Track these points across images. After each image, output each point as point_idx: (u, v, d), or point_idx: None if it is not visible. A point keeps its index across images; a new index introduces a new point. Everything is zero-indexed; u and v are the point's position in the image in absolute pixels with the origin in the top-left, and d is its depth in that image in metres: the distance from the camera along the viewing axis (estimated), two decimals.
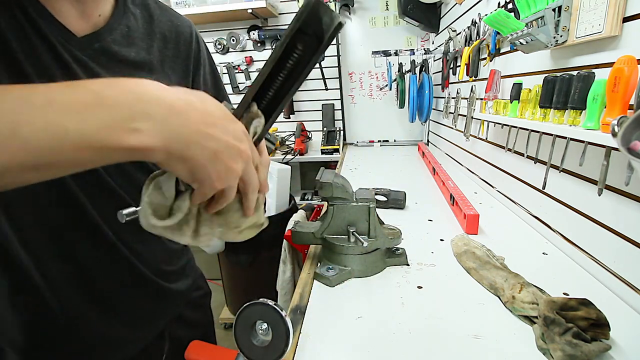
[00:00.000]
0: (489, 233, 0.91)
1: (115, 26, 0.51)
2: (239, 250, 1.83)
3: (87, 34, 0.48)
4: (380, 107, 2.56)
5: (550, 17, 0.74)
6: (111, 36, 0.50)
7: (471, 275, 0.70)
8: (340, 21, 0.37)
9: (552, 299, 0.53)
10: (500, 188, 1.17)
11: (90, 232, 0.51)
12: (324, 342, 0.54)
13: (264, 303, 0.45)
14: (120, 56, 0.50)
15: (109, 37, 0.49)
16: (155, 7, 0.58)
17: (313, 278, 0.72)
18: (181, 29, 0.60)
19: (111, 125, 0.27)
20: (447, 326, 0.56)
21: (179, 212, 0.36)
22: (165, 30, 0.58)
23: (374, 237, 0.72)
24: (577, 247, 0.76)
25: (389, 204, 1.12)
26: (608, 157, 0.62)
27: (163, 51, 0.57)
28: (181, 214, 0.36)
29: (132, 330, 0.59)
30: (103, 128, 0.27)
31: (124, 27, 0.51)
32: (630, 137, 0.42)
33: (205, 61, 0.65)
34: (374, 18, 2.42)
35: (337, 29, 0.37)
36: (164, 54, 0.57)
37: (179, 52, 0.59)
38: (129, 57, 0.51)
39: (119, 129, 0.28)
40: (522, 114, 0.91)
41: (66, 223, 0.49)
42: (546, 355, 0.49)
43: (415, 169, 1.73)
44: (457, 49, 1.60)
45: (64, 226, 0.50)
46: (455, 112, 1.61)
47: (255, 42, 2.51)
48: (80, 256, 0.52)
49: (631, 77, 0.54)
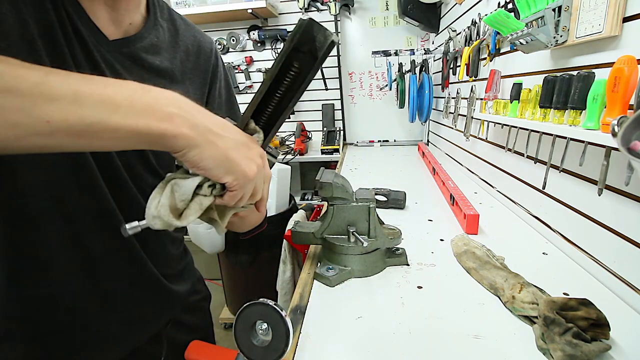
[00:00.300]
0: (489, 233, 0.91)
1: (145, 35, 0.55)
2: (239, 250, 1.83)
3: (117, 38, 0.52)
4: (380, 107, 2.57)
5: (550, 17, 0.74)
6: (141, 44, 0.54)
7: (471, 275, 0.70)
8: (334, 39, 0.40)
9: (552, 299, 0.53)
10: (500, 188, 1.17)
11: (105, 223, 0.53)
12: (324, 342, 0.54)
13: (264, 303, 0.45)
14: (145, 63, 0.54)
15: (138, 44, 0.54)
16: (181, 23, 0.63)
17: (313, 278, 0.72)
18: (203, 45, 0.65)
19: (152, 109, 0.34)
20: (447, 326, 0.56)
21: (198, 210, 0.39)
22: (189, 44, 0.62)
23: (374, 237, 0.72)
24: (577, 247, 0.76)
25: (389, 204, 1.12)
26: (608, 157, 0.62)
27: (184, 63, 0.61)
28: (199, 212, 0.39)
29: (128, 328, 0.59)
30: (144, 110, 0.34)
31: (153, 37, 0.56)
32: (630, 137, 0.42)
33: (221, 75, 0.69)
34: (374, 18, 2.42)
35: (330, 47, 0.40)
36: (185, 66, 0.61)
37: (199, 65, 0.64)
38: (153, 64, 0.55)
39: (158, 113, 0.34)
40: (522, 114, 0.91)
41: (83, 210, 0.51)
42: (546, 355, 0.49)
43: (415, 169, 1.73)
44: (457, 49, 1.60)
45: (80, 212, 0.51)
46: (455, 112, 1.61)
47: (255, 42, 2.51)
48: (90, 246, 0.52)
49: (631, 77, 0.54)
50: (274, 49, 2.53)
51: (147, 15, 0.56)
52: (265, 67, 2.52)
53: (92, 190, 0.50)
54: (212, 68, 0.67)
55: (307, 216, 1.53)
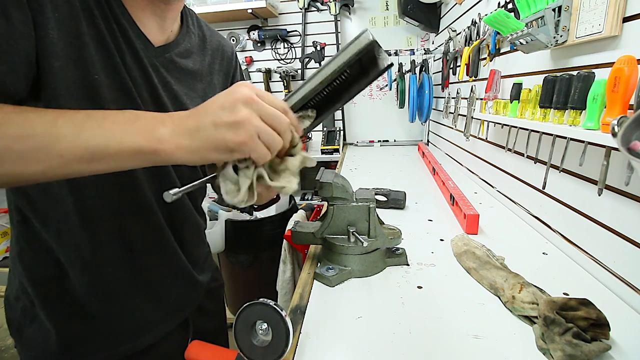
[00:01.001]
0: (489, 233, 0.91)
1: (181, 42, 0.61)
2: (239, 250, 1.83)
3: (161, 45, 0.57)
4: (380, 107, 2.56)
5: (550, 17, 0.74)
6: (177, 49, 0.60)
7: (471, 275, 0.70)
8: (391, 63, 0.46)
9: (552, 299, 0.53)
10: (500, 188, 1.17)
11: (145, 218, 0.58)
12: (324, 342, 0.54)
13: (264, 303, 0.45)
14: (182, 65, 0.61)
15: (175, 50, 0.60)
16: (207, 29, 0.70)
17: (313, 278, 0.72)
18: (225, 49, 0.73)
19: (143, 133, 0.39)
20: (447, 326, 0.56)
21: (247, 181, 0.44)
22: (215, 48, 0.70)
23: (374, 237, 0.72)
24: (577, 247, 0.76)
25: (389, 204, 1.12)
26: (608, 157, 0.62)
27: (211, 65, 0.69)
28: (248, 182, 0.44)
29: (162, 315, 0.64)
30: (135, 134, 0.39)
31: (187, 43, 0.63)
32: (630, 137, 0.42)
33: (238, 76, 0.77)
34: (374, 18, 2.42)
35: (385, 69, 0.46)
36: (212, 67, 0.69)
37: (222, 67, 0.72)
38: (187, 67, 0.62)
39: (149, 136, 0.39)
40: (522, 114, 0.91)
41: (122, 200, 0.55)
42: (546, 355, 0.49)
43: (415, 169, 1.73)
44: (457, 49, 1.60)
45: (124, 208, 0.55)
46: (455, 112, 1.61)
47: (255, 42, 2.51)
48: (132, 239, 0.57)
49: (631, 77, 0.54)
50: (274, 49, 2.53)
51: (181, 23, 0.63)
52: (265, 67, 2.52)
53: (133, 187, 0.55)
54: (232, 70, 0.75)
55: (307, 216, 1.53)
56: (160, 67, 0.57)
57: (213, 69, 0.69)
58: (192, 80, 0.63)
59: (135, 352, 0.61)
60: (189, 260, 0.67)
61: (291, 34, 2.49)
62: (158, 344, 0.64)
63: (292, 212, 1.77)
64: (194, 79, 0.63)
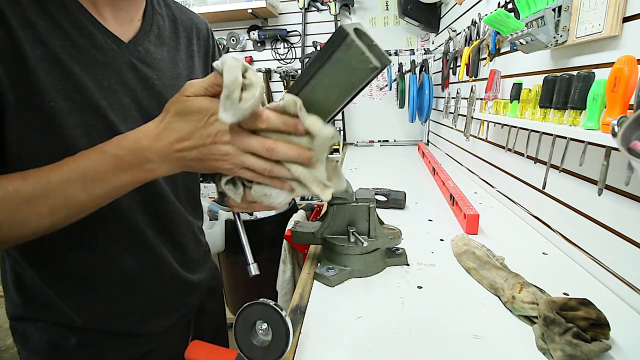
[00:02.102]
0: (489, 233, 0.91)
1: (148, 28, 0.55)
2: (239, 250, 1.82)
3: (131, 38, 0.52)
4: (380, 107, 2.56)
5: (550, 17, 0.74)
6: (148, 38, 0.54)
7: (471, 275, 0.70)
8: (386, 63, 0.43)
9: (552, 299, 0.53)
10: (500, 188, 1.17)
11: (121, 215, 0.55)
12: (324, 342, 0.54)
13: (264, 303, 0.45)
14: (157, 55, 0.55)
15: (146, 40, 0.54)
16: (175, 7, 0.63)
17: (313, 278, 0.72)
18: (199, 26, 0.66)
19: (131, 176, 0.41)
20: (447, 326, 0.56)
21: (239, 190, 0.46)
22: (187, 28, 0.63)
23: (374, 237, 0.72)
24: (577, 247, 0.76)
25: (389, 204, 1.12)
26: (608, 157, 0.62)
27: (188, 47, 0.62)
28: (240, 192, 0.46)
29: (152, 316, 0.62)
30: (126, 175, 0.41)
31: (155, 29, 0.56)
32: (630, 137, 0.42)
33: (216, 54, 0.72)
34: (374, 18, 2.42)
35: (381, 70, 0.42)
36: (190, 50, 0.63)
37: (200, 47, 0.66)
38: (163, 56, 0.56)
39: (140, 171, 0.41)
40: (522, 114, 0.91)
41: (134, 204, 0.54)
42: (546, 355, 0.49)
43: (415, 169, 1.73)
44: (457, 49, 1.60)
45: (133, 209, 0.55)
46: (455, 112, 1.61)
47: (255, 42, 2.51)
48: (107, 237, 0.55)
49: (631, 77, 0.54)
50: (274, 49, 2.53)
51: (145, 4, 0.56)
52: (265, 67, 2.52)
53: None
54: (211, 49, 0.69)
55: (307, 216, 1.53)
56: (138, 64, 0.52)
57: (192, 52, 0.63)
58: (172, 69, 0.57)
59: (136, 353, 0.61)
60: (178, 260, 0.64)
61: (291, 34, 2.49)
62: (158, 344, 0.63)
63: (292, 212, 1.77)
64: (175, 68, 0.58)
